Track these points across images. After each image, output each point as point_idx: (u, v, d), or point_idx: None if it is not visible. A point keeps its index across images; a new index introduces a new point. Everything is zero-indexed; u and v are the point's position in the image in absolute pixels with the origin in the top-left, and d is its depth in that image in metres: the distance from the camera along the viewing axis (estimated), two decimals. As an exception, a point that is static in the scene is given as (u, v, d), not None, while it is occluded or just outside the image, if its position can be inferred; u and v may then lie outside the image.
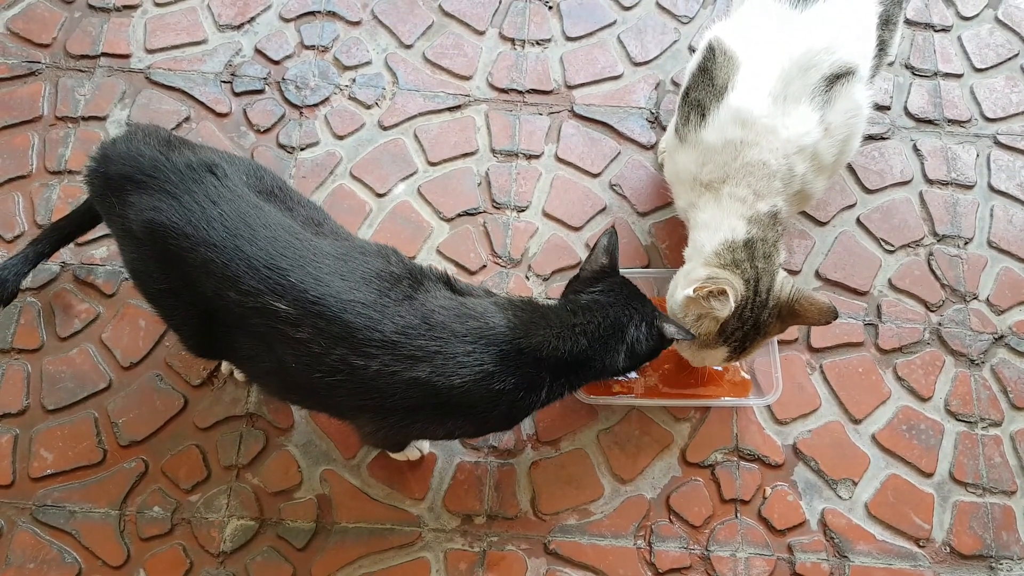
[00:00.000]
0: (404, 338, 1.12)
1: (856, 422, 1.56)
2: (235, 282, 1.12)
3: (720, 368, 1.53)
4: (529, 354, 1.18)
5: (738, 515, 1.49)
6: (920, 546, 1.49)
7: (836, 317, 1.28)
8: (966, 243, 1.71)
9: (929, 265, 1.69)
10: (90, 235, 1.61)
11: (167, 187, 1.17)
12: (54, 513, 1.45)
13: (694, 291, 1.27)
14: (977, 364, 1.61)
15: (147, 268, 1.20)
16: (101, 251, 1.63)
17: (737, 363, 1.51)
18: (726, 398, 1.54)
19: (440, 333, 1.14)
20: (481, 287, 1.35)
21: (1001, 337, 1.63)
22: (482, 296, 1.27)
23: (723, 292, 1.25)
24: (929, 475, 1.53)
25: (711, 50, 1.38)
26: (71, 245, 1.61)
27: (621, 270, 1.61)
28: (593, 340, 1.23)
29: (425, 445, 1.48)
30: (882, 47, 1.45)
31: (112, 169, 1.21)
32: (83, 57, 1.81)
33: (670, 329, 1.28)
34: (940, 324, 1.64)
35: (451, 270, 1.64)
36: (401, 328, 1.13)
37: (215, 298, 1.15)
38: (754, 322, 1.30)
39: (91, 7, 1.86)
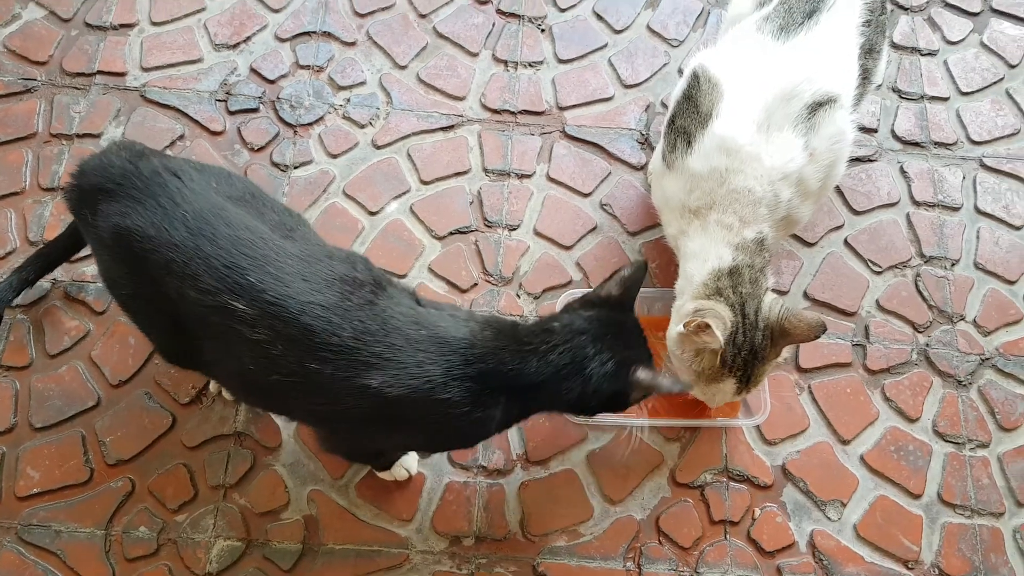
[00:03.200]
0: (360, 344, 1.11)
1: (845, 443, 1.57)
2: (194, 280, 1.12)
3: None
4: (477, 368, 1.15)
5: (727, 536, 1.49)
6: (909, 568, 1.49)
7: (824, 331, 1.28)
8: (953, 264, 1.73)
9: (916, 286, 1.70)
10: (81, 252, 1.62)
11: (133, 193, 1.17)
12: (39, 533, 1.44)
13: (684, 327, 1.28)
14: (964, 385, 1.62)
15: (117, 274, 1.22)
16: (92, 268, 1.63)
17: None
18: (716, 419, 1.54)
19: (395, 340, 1.13)
20: (451, 304, 1.31)
21: (988, 358, 1.65)
22: (445, 309, 1.24)
23: (708, 325, 1.25)
24: (917, 496, 1.54)
25: (696, 78, 1.39)
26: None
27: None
28: (543, 364, 1.17)
29: (413, 466, 1.47)
30: (866, 75, 1.47)
31: (85, 182, 1.23)
32: (79, 75, 1.82)
33: (644, 376, 1.19)
34: (927, 345, 1.65)
35: (442, 288, 1.65)
36: (358, 333, 1.11)
37: (178, 300, 1.14)
38: (750, 347, 1.31)
39: (88, 25, 1.88)
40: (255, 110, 1.80)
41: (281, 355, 1.11)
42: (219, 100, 1.81)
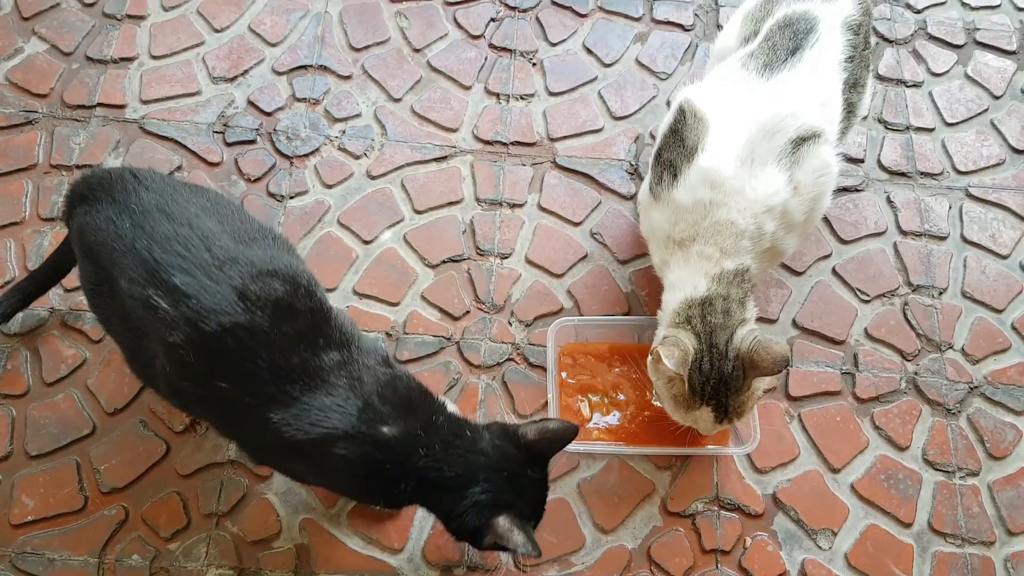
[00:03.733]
0: (273, 377, 1.10)
1: (835, 471, 1.58)
2: (127, 271, 1.13)
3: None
4: (379, 440, 1.14)
5: (719, 566, 1.50)
6: (899, 596, 1.49)
7: (787, 364, 1.29)
8: (940, 293, 1.75)
9: (904, 315, 1.72)
10: (78, 283, 1.64)
11: (98, 194, 1.22)
12: (33, 561, 1.45)
13: (650, 356, 1.30)
14: (954, 413, 1.63)
15: (84, 271, 1.25)
16: (89, 298, 1.65)
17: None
18: (707, 447, 1.55)
19: (309, 383, 1.11)
20: (387, 355, 1.27)
21: (977, 387, 1.66)
22: (377, 364, 1.22)
23: (671, 350, 1.29)
24: (908, 525, 1.54)
25: (682, 112, 1.42)
26: (60, 291, 1.65)
27: (600, 317, 1.65)
28: (434, 463, 1.16)
29: None
30: (851, 108, 1.50)
31: (71, 194, 1.29)
32: (79, 107, 1.85)
33: (503, 524, 1.14)
34: (916, 373, 1.67)
35: (435, 315, 1.67)
36: (276, 366, 1.10)
37: (123, 293, 1.15)
38: (719, 375, 1.32)
39: (89, 59, 1.91)
40: (252, 142, 1.83)
41: (192, 365, 1.10)
42: (217, 132, 1.84)
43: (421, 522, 1.50)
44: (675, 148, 1.41)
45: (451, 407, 1.29)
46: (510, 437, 1.22)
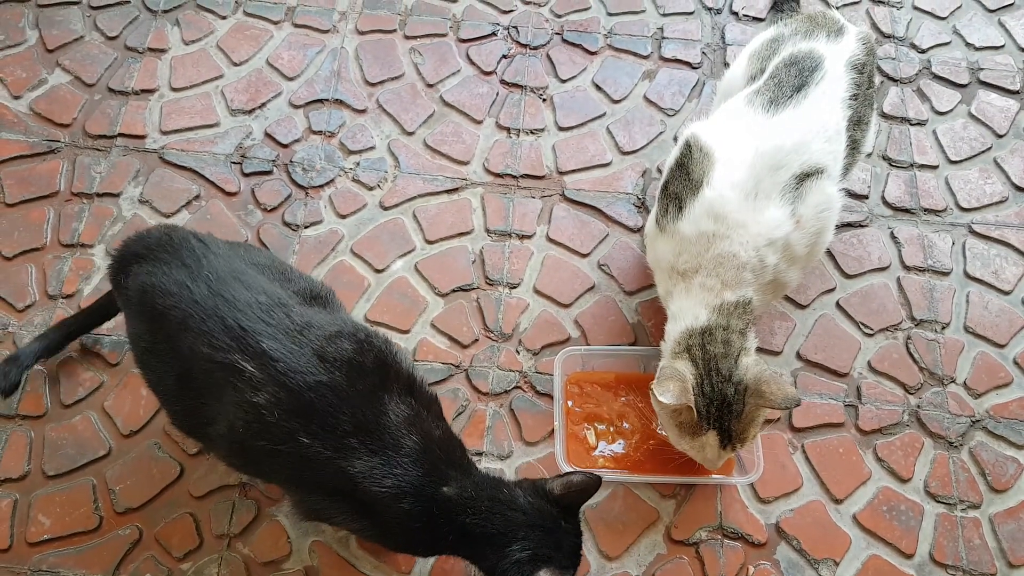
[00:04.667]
0: (354, 431, 1.17)
1: (837, 502, 1.59)
2: (208, 337, 1.18)
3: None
4: (437, 499, 1.21)
5: (721, 593, 1.52)
6: (901, 628, 1.50)
7: (797, 405, 1.33)
8: (943, 328, 1.77)
9: (907, 349, 1.74)
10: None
11: (162, 256, 1.27)
12: (48, 579, 1.48)
13: (652, 388, 1.35)
14: (955, 447, 1.65)
15: (139, 329, 1.28)
16: (107, 323, 1.68)
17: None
18: (711, 476, 1.57)
19: (384, 439, 1.18)
20: (441, 408, 1.33)
21: (978, 420, 1.68)
22: (436, 418, 1.29)
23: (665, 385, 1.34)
24: (910, 556, 1.56)
25: (688, 147, 1.46)
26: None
27: (606, 347, 1.68)
28: (481, 521, 1.23)
29: None
30: (854, 145, 1.54)
31: (125, 251, 1.33)
32: (101, 137, 1.91)
33: None
34: (919, 406, 1.69)
35: (444, 343, 1.70)
36: (354, 422, 1.17)
37: (189, 355, 1.20)
38: (720, 397, 1.35)
39: (111, 90, 1.97)
40: (269, 172, 1.88)
41: (275, 424, 1.16)
42: (234, 162, 1.89)
43: (428, 547, 1.52)
44: (681, 181, 1.45)
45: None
46: (540, 493, 1.28)
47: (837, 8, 2.13)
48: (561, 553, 1.26)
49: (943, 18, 2.16)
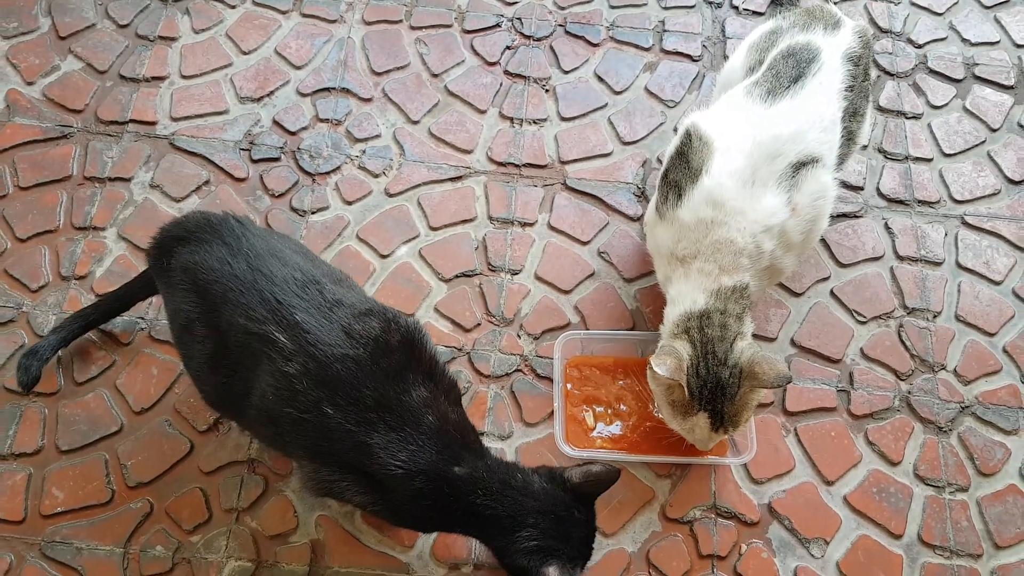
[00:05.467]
0: (375, 406, 1.22)
1: (829, 484, 1.64)
2: (247, 309, 1.24)
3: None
4: (449, 479, 1.25)
5: (715, 570, 1.56)
6: (889, 605, 1.55)
7: (789, 381, 1.37)
8: (935, 316, 1.81)
9: (899, 336, 1.79)
10: (110, 285, 1.73)
11: (203, 236, 1.34)
12: (62, 549, 1.52)
13: (649, 367, 1.40)
14: (945, 431, 1.69)
15: (179, 307, 1.33)
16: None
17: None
18: (706, 457, 1.61)
19: (405, 416, 1.23)
20: (460, 395, 1.39)
21: (968, 406, 1.72)
22: (454, 403, 1.33)
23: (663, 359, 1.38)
24: (898, 537, 1.60)
25: (688, 136, 1.50)
26: (92, 296, 1.73)
27: (605, 332, 1.73)
28: (492, 503, 1.26)
29: None
30: (850, 136, 1.58)
31: (165, 235, 1.40)
32: (112, 123, 1.95)
33: (552, 574, 1.23)
34: (909, 392, 1.73)
35: (447, 327, 1.75)
36: (376, 397, 1.22)
37: (227, 329, 1.26)
38: (715, 379, 1.40)
39: (122, 77, 2.01)
40: (277, 159, 1.92)
41: (303, 391, 1.21)
42: (243, 149, 1.93)
43: (431, 522, 1.57)
44: (681, 169, 1.49)
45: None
46: (557, 480, 1.32)
47: (835, 3, 2.16)
48: (570, 544, 1.30)
49: (940, 14, 2.20)
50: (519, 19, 2.13)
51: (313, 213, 1.87)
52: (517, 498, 1.28)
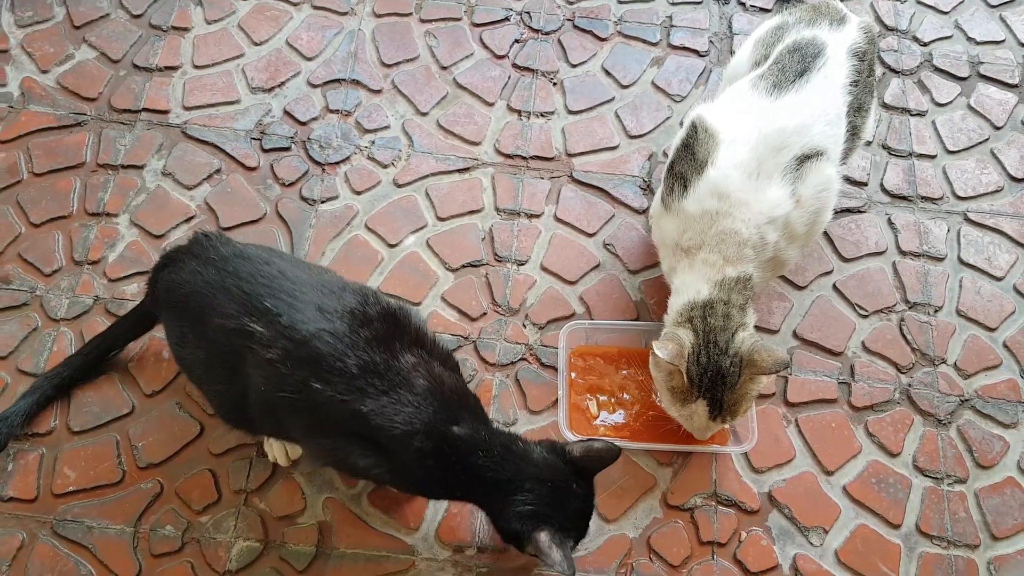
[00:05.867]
0: (361, 374, 1.24)
1: (828, 473, 1.66)
2: (219, 309, 1.30)
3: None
4: (449, 438, 1.28)
5: (714, 557, 1.58)
6: (887, 594, 1.57)
7: (787, 367, 1.40)
8: (936, 311, 1.83)
9: (900, 330, 1.80)
10: (122, 271, 1.77)
11: (179, 256, 1.42)
12: (73, 528, 1.55)
13: (651, 353, 1.43)
14: (944, 424, 1.71)
15: (171, 328, 1.42)
16: (132, 287, 1.76)
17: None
18: (708, 445, 1.64)
19: (393, 380, 1.26)
20: (458, 363, 1.43)
21: (967, 400, 1.74)
22: (451, 369, 1.36)
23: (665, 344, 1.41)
24: (897, 527, 1.62)
25: (694, 128, 1.52)
26: (104, 280, 1.76)
27: (610, 322, 1.75)
28: (493, 466, 1.29)
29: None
30: (854, 131, 1.59)
31: (155, 269, 1.49)
32: (126, 111, 1.98)
33: (542, 540, 1.26)
34: (910, 385, 1.75)
35: (454, 316, 1.77)
36: (360, 365, 1.25)
37: (212, 336, 1.32)
38: (715, 368, 1.42)
39: (135, 67, 2.04)
40: (287, 149, 1.95)
41: (289, 375, 1.25)
42: (254, 138, 1.96)
43: (436, 505, 1.59)
44: (686, 161, 1.51)
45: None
46: (558, 452, 1.35)
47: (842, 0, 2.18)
48: (564, 514, 1.32)
49: (945, 12, 2.22)
50: (528, 13, 2.16)
51: (323, 202, 1.89)
52: (517, 463, 1.31)
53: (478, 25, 2.14)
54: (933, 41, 2.18)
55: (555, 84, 2.07)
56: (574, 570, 1.27)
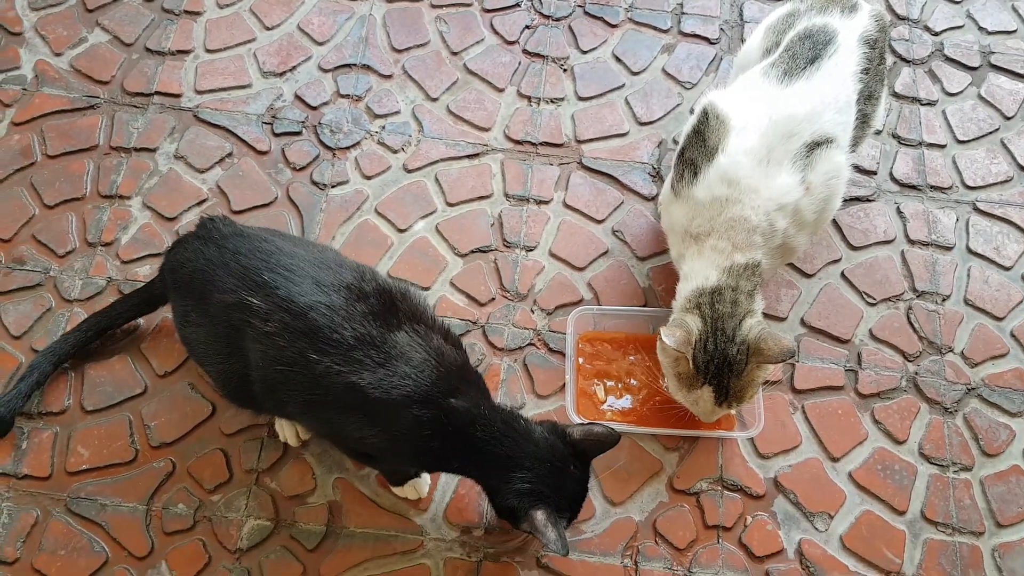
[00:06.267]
0: (358, 345, 1.26)
1: (834, 460, 1.67)
2: (219, 284, 1.32)
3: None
4: (446, 409, 1.29)
5: (720, 540, 1.59)
6: (891, 579, 1.58)
7: (793, 355, 1.41)
8: (944, 300, 1.83)
9: (908, 318, 1.81)
10: (135, 253, 1.78)
11: (186, 240, 1.46)
12: (86, 505, 1.57)
13: (660, 331, 1.43)
14: (950, 412, 1.72)
15: (177, 308, 1.45)
16: (144, 269, 1.78)
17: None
18: (714, 430, 1.65)
19: (389, 352, 1.27)
20: (459, 339, 1.43)
21: (974, 388, 1.75)
22: (452, 344, 1.37)
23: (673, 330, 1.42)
24: (902, 513, 1.63)
25: (705, 115, 1.53)
26: (117, 262, 1.78)
27: (618, 308, 1.76)
28: (492, 440, 1.31)
29: (424, 488, 1.58)
30: (864, 119, 1.60)
31: (165, 256, 1.55)
32: (138, 94, 1.99)
33: (539, 518, 1.28)
34: (917, 373, 1.76)
35: (463, 301, 1.78)
36: (356, 337, 1.26)
37: (214, 312, 1.35)
38: (722, 355, 1.43)
39: (148, 50, 2.05)
40: (298, 133, 1.96)
41: (287, 348, 1.27)
42: (265, 123, 1.97)
43: (444, 486, 1.60)
44: (697, 148, 1.52)
45: None
46: (559, 433, 1.37)
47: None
48: (561, 495, 1.35)
49: (957, 2, 2.21)
50: (539, -1, 2.16)
51: (333, 187, 1.90)
52: (517, 440, 1.32)
53: (488, 11, 2.14)
54: (944, 30, 2.17)
55: (565, 70, 2.07)
56: (568, 549, 1.29)
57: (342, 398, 1.28)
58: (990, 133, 2.04)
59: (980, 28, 2.18)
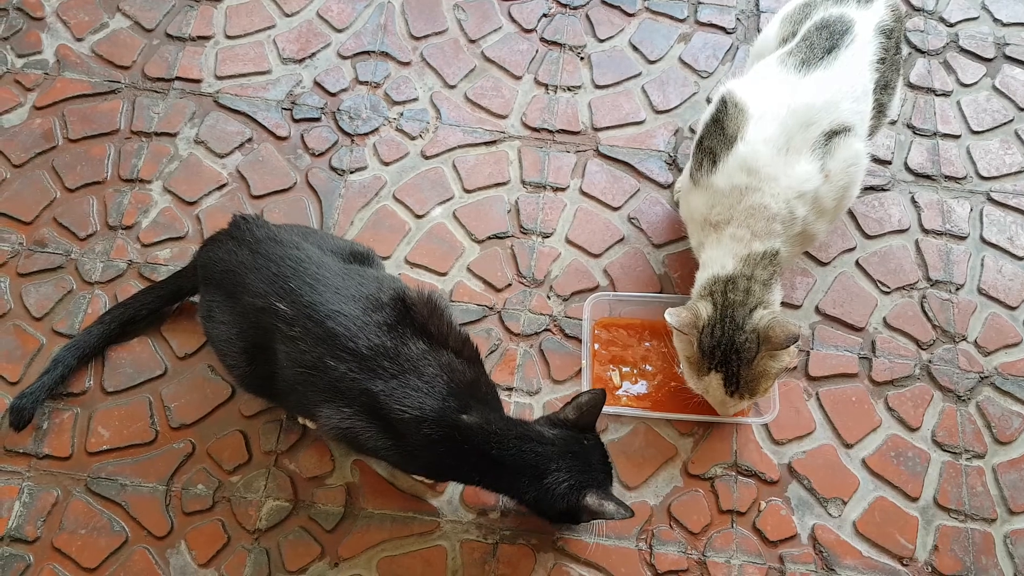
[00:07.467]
0: (373, 355, 1.32)
1: (848, 446, 1.68)
2: (250, 287, 1.38)
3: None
4: (459, 426, 1.33)
5: (734, 525, 1.61)
6: (904, 564, 1.59)
7: (796, 340, 1.42)
8: (957, 289, 1.84)
9: (922, 307, 1.82)
10: (155, 236, 1.80)
11: (219, 238, 1.50)
12: (107, 485, 1.59)
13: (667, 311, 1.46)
14: (963, 400, 1.73)
15: (204, 302, 1.49)
16: (165, 252, 1.80)
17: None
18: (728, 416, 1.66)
19: (404, 364, 1.33)
20: (478, 352, 1.45)
21: (987, 376, 1.75)
22: (464, 358, 1.40)
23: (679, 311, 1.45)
24: (915, 499, 1.64)
25: (724, 103, 1.53)
26: (138, 245, 1.79)
27: (633, 294, 1.77)
28: (508, 453, 1.35)
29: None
30: (880, 109, 1.60)
31: (198, 252, 1.60)
32: (159, 80, 2.00)
33: (592, 502, 1.35)
34: (930, 361, 1.76)
35: (479, 286, 1.80)
36: (373, 346, 1.32)
37: (244, 312, 1.40)
38: (730, 343, 1.45)
39: (169, 36, 2.06)
40: (317, 119, 1.97)
41: (307, 352, 1.32)
42: (285, 109, 1.98)
43: (462, 468, 1.62)
44: (716, 136, 1.53)
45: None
46: (558, 423, 1.43)
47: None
48: (594, 471, 1.40)
49: (973, -7, 2.22)
50: (556, -12, 2.17)
51: (351, 173, 1.92)
52: (536, 448, 1.37)
53: (506, -1, 2.15)
54: (959, 22, 2.17)
55: (582, 58, 2.08)
56: (631, 511, 1.37)
57: (357, 402, 1.32)
58: (1004, 124, 2.04)
59: (995, 19, 2.18)
